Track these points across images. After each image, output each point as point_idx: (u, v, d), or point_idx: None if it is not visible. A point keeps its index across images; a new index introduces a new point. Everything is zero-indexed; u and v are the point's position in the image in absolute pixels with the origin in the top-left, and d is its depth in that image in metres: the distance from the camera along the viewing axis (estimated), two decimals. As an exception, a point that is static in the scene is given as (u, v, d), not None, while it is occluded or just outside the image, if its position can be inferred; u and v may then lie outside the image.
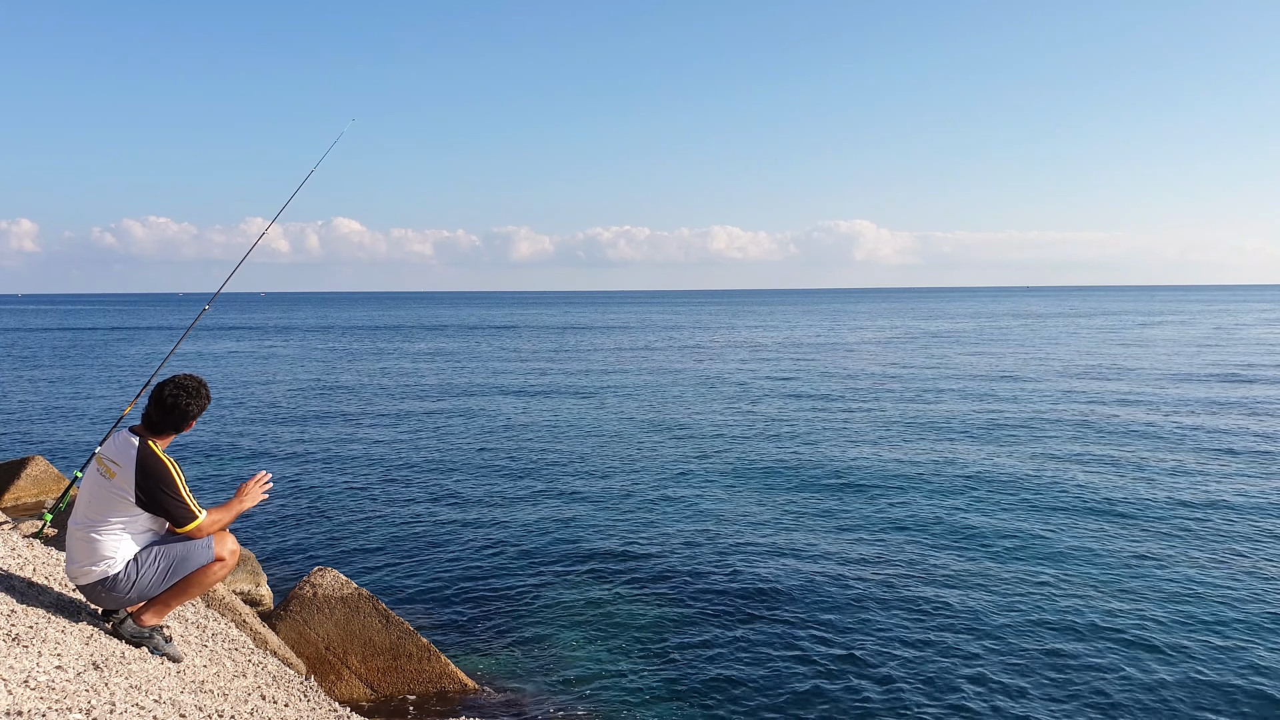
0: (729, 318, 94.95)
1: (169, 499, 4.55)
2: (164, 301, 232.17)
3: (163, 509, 4.56)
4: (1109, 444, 17.47)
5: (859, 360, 38.51)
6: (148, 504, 4.55)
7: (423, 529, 12.06)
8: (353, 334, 66.21)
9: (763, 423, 20.98)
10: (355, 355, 45.10)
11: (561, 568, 10.37)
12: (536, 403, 25.29)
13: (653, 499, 13.61)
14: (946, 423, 20.50)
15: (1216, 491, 13.48)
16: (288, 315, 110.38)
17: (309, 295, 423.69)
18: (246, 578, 8.53)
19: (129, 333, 69.33)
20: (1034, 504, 12.93)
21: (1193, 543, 10.95)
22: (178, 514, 4.58)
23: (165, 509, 4.56)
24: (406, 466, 16.29)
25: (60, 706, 3.60)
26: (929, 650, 7.96)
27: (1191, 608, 8.85)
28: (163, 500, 4.54)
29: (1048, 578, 9.76)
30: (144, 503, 4.54)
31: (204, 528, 4.63)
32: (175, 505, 4.57)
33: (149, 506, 4.56)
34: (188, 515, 4.59)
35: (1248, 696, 7.07)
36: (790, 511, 12.71)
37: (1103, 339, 50.76)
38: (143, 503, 4.54)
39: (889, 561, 10.41)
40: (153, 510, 4.58)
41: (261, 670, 5.32)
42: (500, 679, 7.47)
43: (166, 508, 4.56)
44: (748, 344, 50.98)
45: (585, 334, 64.21)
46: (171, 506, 4.56)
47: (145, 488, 4.52)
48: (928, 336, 55.85)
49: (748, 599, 9.27)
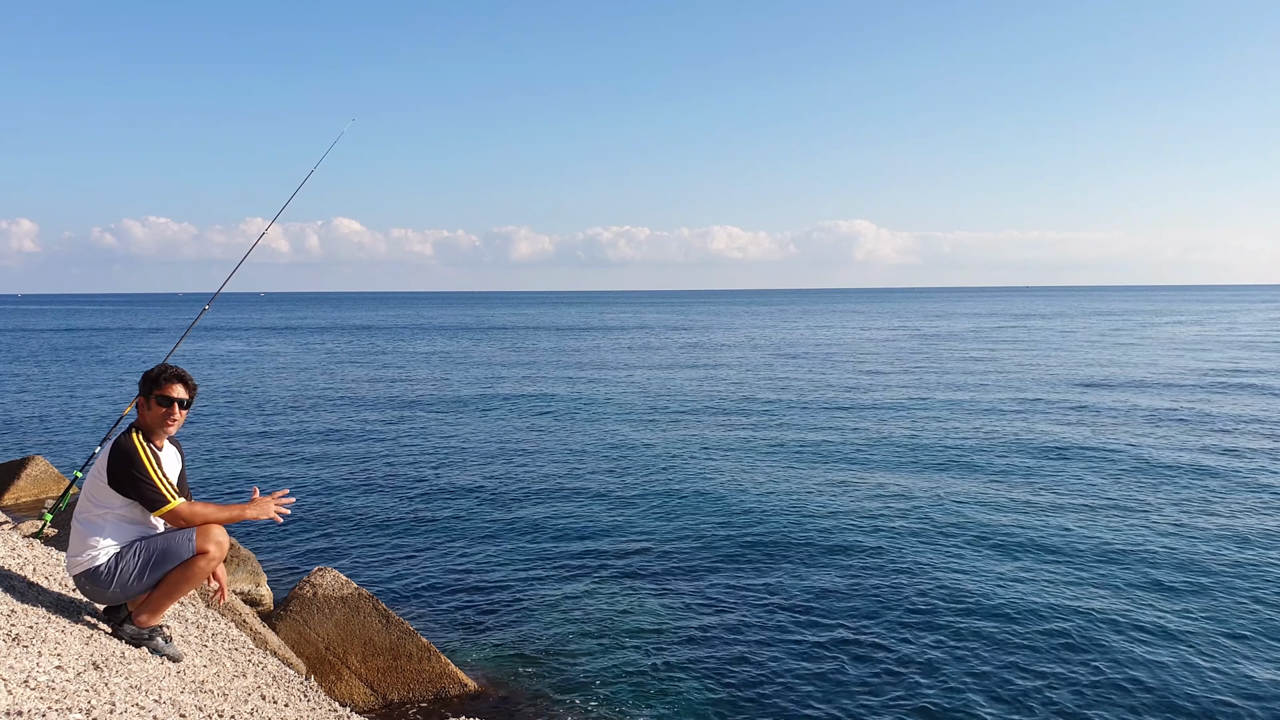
0: (729, 317, 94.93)
1: (139, 480, 4.58)
2: (164, 301, 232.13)
3: (134, 489, 4.59)
4: (1128, 441, 17.48)
5: (859, 360, 38.50)
6: (118, 484, 4.59)
7: (423, 529, 12.06)
8: (352, 334, 66.19)
9: (763, 422, 20.98)
10: (355, 355, 45.09)
11: (562, 567, 10.37)
12: (536, 402, 25.29)
13: (654, 498, 13.60)
14: (956, 421, 20.51)
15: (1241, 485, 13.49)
16: (288, 315, 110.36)
17: (309, 295, 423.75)
18: (246, 578, 8.53)
19: (129, 333, 69.31)
20: (1039, 504, 12.94)
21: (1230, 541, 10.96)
22: (148, 495, 4.60)
23: (137, 491, 4.59)
24: (407, 466, 16.29)
25: (60, 706, 3.60)
26: (929, 650, 7.95)
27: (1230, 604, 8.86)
28: (134, 480, 4.58)
29: (1055, 573, 9.77)
30: (115, 483, 4.59)
31: (182, 514, 4.63)
32: (146, 487, 4.59)
33: (119, 486, 4.60)
34: (158, 498, 4.60)
35: (1245, 699, 7.08)
36: (791, 511, 12.70)
37: (1120, 339, 50.77)
38: (115, 483, 4.59)
39: (890, 561, 10.40)
40: (125, 492, 4.60)
41: (261, 670, 5.32)
42: (500, 679, 7.47)
43: (138, 489, 4.59)
44: (748, 344, 50.97)
45: (585, 334, 64.20)
46: (141, 487, 4.59)
47: (114, 469, 4.59)
48: (939, 337, 55.84)
49: (749, 598, 9.27)
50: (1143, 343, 46.96)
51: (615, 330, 69.29)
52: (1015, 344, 47.68)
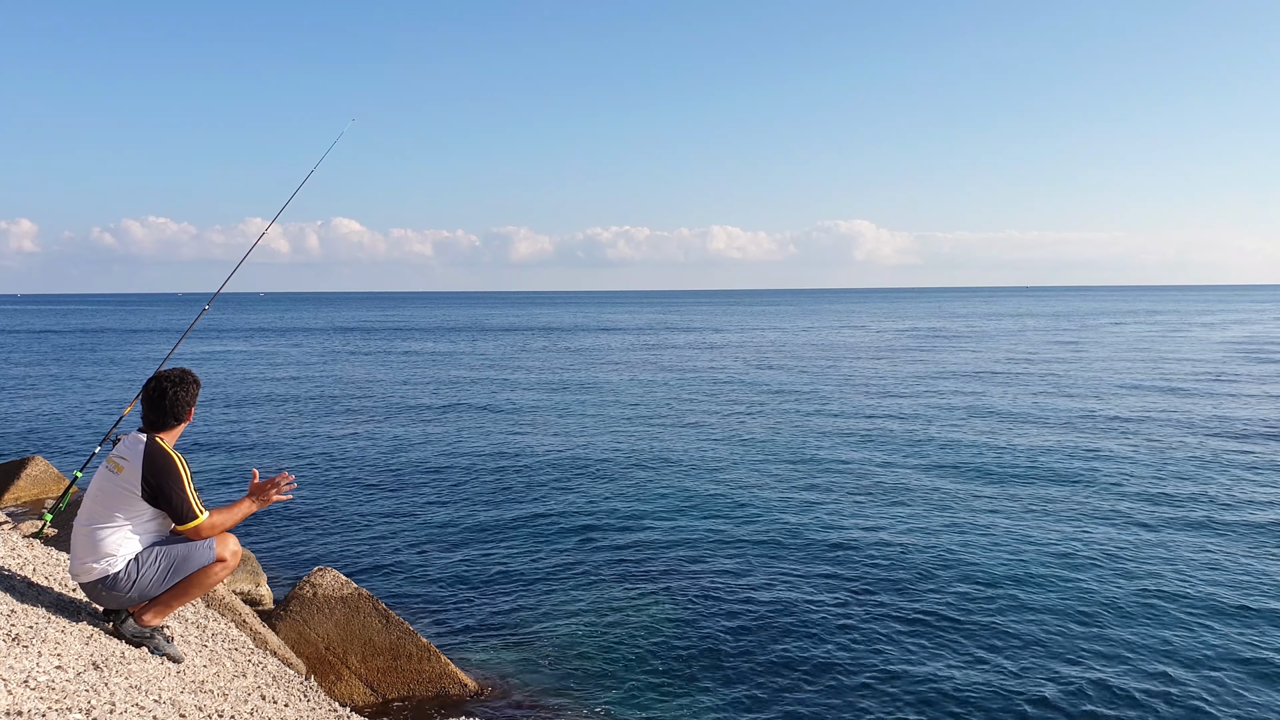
0: (728, 317, 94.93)
1: (174, 492, 4.58)
2: (164, 301, 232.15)
3: (168, 502, 4.58)
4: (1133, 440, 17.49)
5: (860, 359, 38.50)
6: (153, 497, 4.57)
7: (422, 529, 12.06)
8: (352, 334, 66.18)
9: (762, 422, 20.97)
10: (354, 355, 45.09)
11: (562, 567, 10.37)
12: (536, 402, 25.28)
13: (654, 498, 13.60)
14: (960, 420, 20.51)
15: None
16: (287, 315, 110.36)
17: (309, 295, 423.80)
18: (246, 578, 8.53)
19: (129, 333, 69.30)
20: (1045, 505, 12.95)
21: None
22: (181, 509, 4.59)
23: (170, 503, 4.58)
24: (406, 466, 16.29)
25: (60, 706, 3.60)
26: (928, 648, 7.96)
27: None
28: (168, 493, 4.57)
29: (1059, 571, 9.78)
30: (149, 495, 4.56)
31: (204, 528, 4.65)
32: (179, 500, 4.59)
33: (154, 500, 4.58)
34: (190, 513, 4.61)
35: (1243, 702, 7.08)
36: (792, 510, 12.70)
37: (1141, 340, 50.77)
38: (148, 495, 4.56)
39: (891, 559, 10.40)
40: (158, 504, 4.59)
41: (261, 670, 5.32)
42: (500, 679, 7.47)
43: (171, 502, 4.58)
44: (748, 344, 50.96)
45: (584, 334, 64.20)
46: (176, 501, 4.59)
47: (151, 480, 4.55)
48: (945, 337, 55.85)
49: (750, 598, 9.27)
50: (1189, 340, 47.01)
51: (615, 331, 69.29)
52: (1102, 345, 47.68)
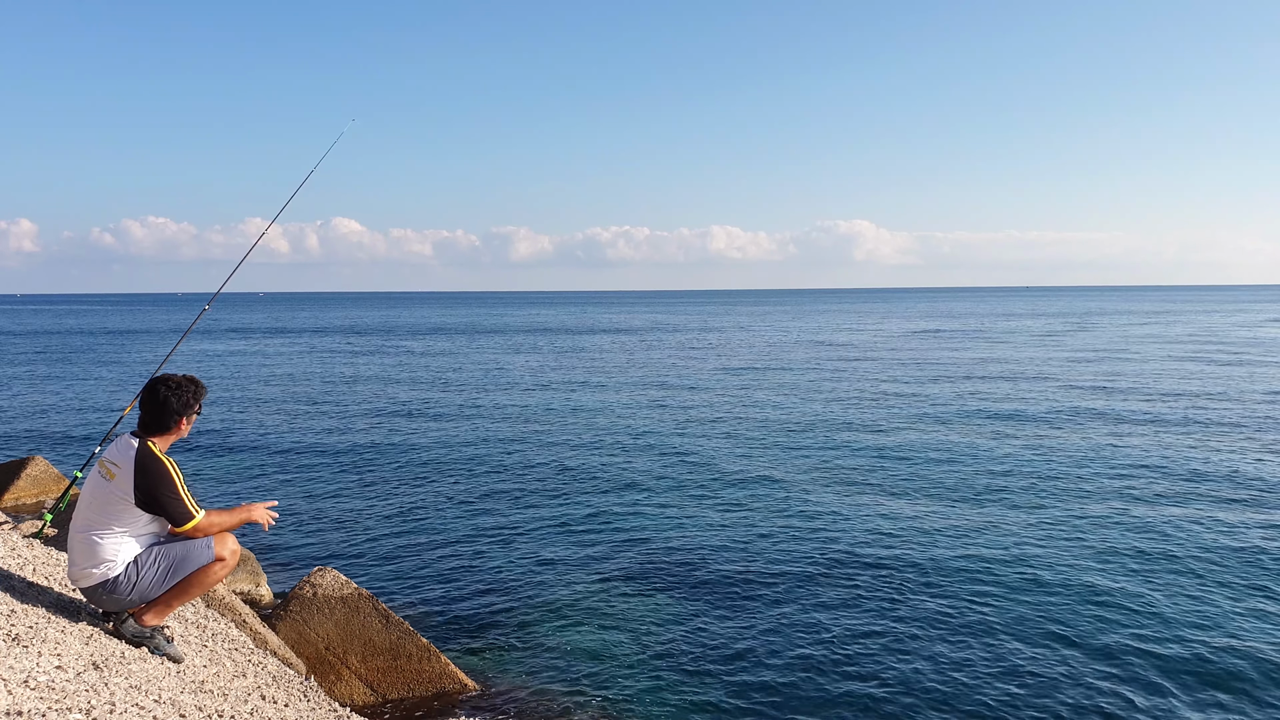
0: (728, 317, 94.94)
1: (168, 498, 4.58)
2: (164, 301, 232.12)
3: (162, 509, 4.59)
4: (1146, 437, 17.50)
5: (860, 359, 38.50)
6: (147, 504, 4.57)
7: (423, 529, 12.06)
8: (352, 334, 66.18)
9: (762, 422, 20.97)
10: (354, 355, 45.08)
11: (562, 567, 10.37)
12: (536, 402, 25.28)
13: (654, 498, 13.60)
14: (960, 421, 20.51)
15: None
16: (287, 315, 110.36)
17: (308, 295, 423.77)
18: (246, 578, 8.54)
19: (128, 333, 69.29)
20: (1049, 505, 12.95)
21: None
22: (176, 513, 4.60)
23: (164, 508, 4.59)
24: (407, 466, 16.28)
25: (60, 706, 3.60)
26: (929, 647, 7.95)
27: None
28: (162, 500, 4.57)
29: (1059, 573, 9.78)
30: (143, 503, 4.57)
31: (202, 527, 4.66)
32: (174, 505, 4.60)
33: (148, 506, 4.58)
34: (185, 515, 4.61)
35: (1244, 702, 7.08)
36: (792, 510, 12.70)
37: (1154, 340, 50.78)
38: (142, 503, 4.57)
39: (892, 558, 10.40)
40: (152, 510, 4.60)
41: (261, 670, 5.32)
42: (500, 679, 7.47)
43: (165, 507, 4.59)
44: (748, 344, 50.97)
45: (584, 334, 64.20)
46: (170, 506, 4.59)
47: (144, 487, 4.55)
48: (948, 335, 55.86)
49: (750, 598, 9.27)
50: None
51: (615, 331, 69.28)
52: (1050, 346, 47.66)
